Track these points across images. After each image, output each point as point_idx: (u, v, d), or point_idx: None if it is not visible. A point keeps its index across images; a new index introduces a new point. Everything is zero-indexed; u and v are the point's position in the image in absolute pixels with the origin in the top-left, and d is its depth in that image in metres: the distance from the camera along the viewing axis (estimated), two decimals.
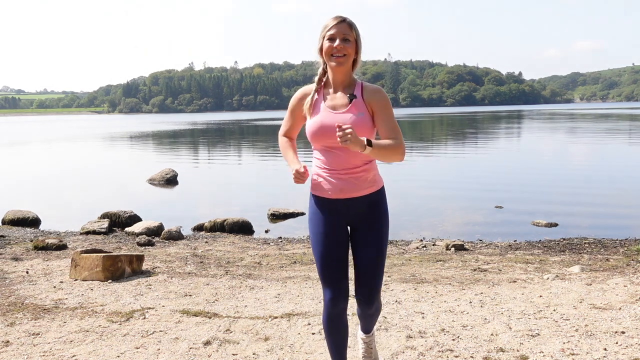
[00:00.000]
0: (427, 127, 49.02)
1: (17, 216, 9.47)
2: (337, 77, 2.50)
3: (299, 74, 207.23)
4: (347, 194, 2.49)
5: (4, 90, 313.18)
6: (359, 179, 2.49)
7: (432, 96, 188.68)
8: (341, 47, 2.42)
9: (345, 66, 2.46)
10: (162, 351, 3.42)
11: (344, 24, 2.44)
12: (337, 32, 2.42)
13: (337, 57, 2.43)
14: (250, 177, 16.37)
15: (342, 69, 2.47)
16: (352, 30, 2.45)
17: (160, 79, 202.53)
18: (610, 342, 3.38)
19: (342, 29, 2.43)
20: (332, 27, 2.43)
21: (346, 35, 2.43)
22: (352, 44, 2.45)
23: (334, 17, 2.48)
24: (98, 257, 5.18)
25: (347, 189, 2.48)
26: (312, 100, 2.53)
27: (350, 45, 2.44)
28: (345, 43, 2.43)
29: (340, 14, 2.50)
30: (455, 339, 3.50)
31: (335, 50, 2.42)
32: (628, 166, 16.50)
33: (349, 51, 2.43)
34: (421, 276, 5.32)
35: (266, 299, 4.53)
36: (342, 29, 2.43)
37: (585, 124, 45.99)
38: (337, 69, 2.47)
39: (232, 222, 8.76)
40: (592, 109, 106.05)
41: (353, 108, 2.46)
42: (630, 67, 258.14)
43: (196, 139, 37.54)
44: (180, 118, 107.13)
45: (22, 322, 3.96)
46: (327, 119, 2.45)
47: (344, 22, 2.45)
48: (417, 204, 10.92)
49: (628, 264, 5.82)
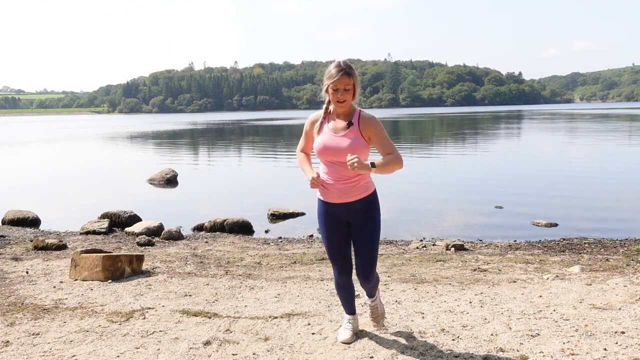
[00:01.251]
0: (427, 127, 49.02)
1: (17, 216, 9.47)
2: (340, 111, 3.18)
3: (299, 74, 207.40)
4: (345, 199, 3.18)
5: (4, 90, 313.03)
6: (354, 186, 3.17)
7: (432, 96, 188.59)
8: (343, 98, 3.08)
9: (346, 107, 3.14)
10: (162, 351, 3.42)
11: (344, 77, 3.04)
12: (340, 84, 3.05)
13: (339, 103, 3.11)
14: (250, 177, 16.37)
15: (344, 109, 3.16)
16: (352, 78, 3.06)
17: (160, 79, 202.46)
18: (610, 342, 3.38)
19: (344, 81, 3.04)
20: (335, 81, 3.04)
21: (347, 86, 3.06)
22: (352, 88, 3.08)
23: (336, 67, 3.06)
24: (98, 257, 5.18)
25: (345, 195, 3.17)
26: (320, 124, 3.24)
27: (349, 92, 3.08)
28: (346, 92, 3.07)
29: (341, 63, 3.06)
30: (455, 339, 3.50)
31: (339, 99, 3.09)
32: (628, 166, 16.49)
33: (348, 98, 3.10)
34: (421, 276, 5.32)
35: (266, 299, 4.52)
36: (344, 82, 3.04)
37: (585, 124, 45.99)
38: (340, 109, 3.16)
39: (232, 222, 8.76)
40: (592, 109, 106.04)
41: (349, 133, 3.13)
42: (630, 67, 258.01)
43: (196, 139, 37.54)
44: (180, 118, 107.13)
45: (22, 322, 3.96)
46: (329, 140, 3.15)
47: (344, 75, 3.03)
48: (417, 204, 10.92)
49: (628, 264, 5.82)
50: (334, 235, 3.30)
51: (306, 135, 3.36)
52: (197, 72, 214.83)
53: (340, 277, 3.40)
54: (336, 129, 3.17)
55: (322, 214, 3.32)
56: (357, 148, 3.08)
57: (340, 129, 3.16)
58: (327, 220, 3.28)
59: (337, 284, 3.45)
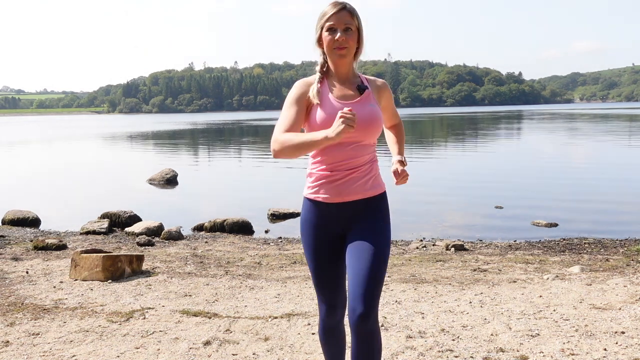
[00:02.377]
0: (427, 127, 49.01)
1: (17, 216, 9.47)
2: (341, 69, 2.31)
3: (299, 74, 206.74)
4: (347, 196, 2.27)
5: (4, 90, 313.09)
6: (363, 178, 2.28)
7: (432, 96, 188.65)
8: (343, 39, 2.21)
9: (348, 58, 2.27)
10: (162, 351, 3.42)
11: (344, 12, 2.22)
12: (338, 22, 2.21)
13: (339, 49, 2.23)
14: (250, 177, 16.37)
15: (345, 62, 2.28)
16: (354, 18, 2.24)
17: (160, 79, 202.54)
18: (610, 342, 3.38)
19: (343, 17, 2.21)
20: (331, 17, 2.21)
21: (348, 25, 2.22)
22: (354, 33, 2.24)
23: (333, 2, 2.24)
24: (98, 257, 5.18)
25: (348, 191, 2.26)
26: (318, 88, 2.27)
27: (352, 35, 2.23)
28: (347, 34, 2.21)
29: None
30: (455, 339, 3.50)
31: (337, 44, 2.22)
32: (628, 166, 16.49)
33: (350, 43, 2.23)
34: (421, 276, 5.32)
35: (266, 299, 4.52)
36: (343, 18, 2.21)
37: (585, 124, 46.00)
38: (340, 62, 2.28)
39: (232, 222, 8.75)
40: (592, 109, 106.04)
41: (364, 99, 2.29)
42: (630, 67, 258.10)
43: (196, 139, 37.54)
44: (180, 118, 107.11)
45: (22, 322, 3.96)
46: (340, 109, 2.12)
47: (344, 10, 2.22)
48: (417, 204, 10.92)
49: (628, 264, 5.82)
50: (325, 252, 2.35)
51: (298, 102, 2.26)
52: (197, 72, 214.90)
53: (329, 316, 2.45)
54: (344, 96, 2.28)
55: (309, 222, 2.36)
56: (378, 119, 2.29)
57: (349, 96, 2.29)
58: (317, 229, 2.34)
59: (324, 327, 2.50)
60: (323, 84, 2.31)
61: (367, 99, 2.30)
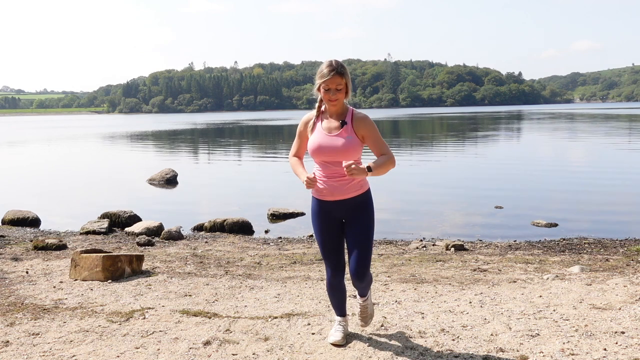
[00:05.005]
0: (427, 127, 49.01)
1: (17, 216, 9.47)
2: (332, 110, 3.22)
3: (298, 74, 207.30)
4: (339, 196, 3.22)
5: (4, 90, 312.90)
6: (348, 184, 3.20)
7: (432, 96, 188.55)
8: (335, 97, 3.11)
9: (338, 106, 3.17)
10: (162, 351, 3.42)
11: (336, 77, 3.06)
12: (331, 84, 3.08)
13: (332, 102, 3.14)
14: (250, 177, 16.37)
15: (336, 108, 3.20)
16: (343, 78, 3.08)
17: (160, 79, 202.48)
18: (610, 342, 3.38)
19: (335, 81, 3.07)
20: (327, 81, 3.07)
21: (338, 86, 3.09)
22: (343, 88, 3.11)
23: (328, 66, 3.08)
24: (98, 257, 5.18)
25: (339, 193, 3.21)
26: (313, 124, 3.27)
27: (341, 91, 3.11)
28: (338, 92, 3.10)
29: (333, 62, 3.08)
30: (455, 339, 3.50)
31: (330, 98, 3.13)
32: (628, 166, 16.49)
33: (340, 97, 3.13)
34: (421, 276, 5.32)
35: (266, 299, 4.53)
36: (335, 81, 3.07)
37: (585, 124, 45.99)
38: (332, 108, 3.20)
39: (232, 222, 8.75)
40: (592, 109, 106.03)
41: (343, 132, 3.16)
42: (630, 67, 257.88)
43: (196, 139, 37.54)
44: (180, 118, 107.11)
45: (22, 322, 3.96)
46: (323, 139, 3.18)
47: (336, 75, 3.06)
48: (417, 204, 10.91)
49: (628, 264, 5.82)
50: (328, 232, 3.32)
51: (300, 136, 3.37)
52: (197, 72, 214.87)
53: (333, 276, 3.40)
54: (330, 129, 3.20)
55: (316, 212, 3.35)
56: (351, 147, 3.13)
57: (333, 128, 3.19)
58: (321, 218, 3.31)
59: (330, 284, 3.44)
60: (319, 119, 3.29)
61: (346, 131, 3.18)
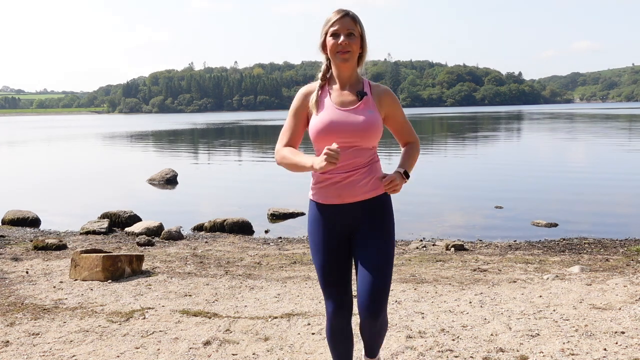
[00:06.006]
0: (427, 127, 49.01)
1: (17, 216, 9.47)
2: (343, 74, 2.38)
3: (299, 74, 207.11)
4: (349, 198, 2.33)
5: (4, 90, 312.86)
6: (363, 180, 2.33)
7: (432, 96, 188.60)
8: (346, 43, 2.29)
9: (351, 62, 2.34)
10: (162, 351, 3.42)
11: (347, 18, 2.31)
12: (341, 28, 2.30)
13: (342, 53, 2.31)
14: (250, 177, 16.37)
15: (348, 66, 2.35)
16: (357, 25, 2.32)
17: (160, 79, 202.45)
18: (610, 342, 3.38)
19: (346, 23, 2.30)
20: (335, 22, 2.31)
21: (350, 30, 2.30)
22: (357, 39, 2.32)
23: (337, 10, 2.35)
24: (98, 257, 5.18)
25: (349, 193, 2.33)
26: (317, 97, 2.38)
27: (355, 40, 2.31)
28: (350, 38, 2.30)
29: (343, 8, 2.36)
30: (455, 339, 3.50)
31: (340, 47, 2.30)
32: (628, 166, 16.49)
33: (353, 47, 2.31)
34: (421, 276, 5.32)
35: (266, 299, 4.53)
36: (346, 24, 2.30)
37: (585, 124, 45.99)
38: (343, 66, 2.35)
39: (232, 222, 8.75)
40: (592, 109, 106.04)
41: (362, 105, 2.34)
42: (630, 67, 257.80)
43: (196, 139, 37.54)
44: (180, 118, 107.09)
45: (22, 322, 3.96)
46: (336, 115, 2.31)
47: (347, 16, 2.31)
48: (417, 204, 10.91)
49: (628, 264, 5.82)
50: (332, 251, 2.40)
51: (296, 115, 2.42)
52: (197, 72, 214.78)
53: (336, 316, 2.45)
54: (343, 102, 2.35)
55: (316, 222, 2.43)
56: (375, 126, 2.33)
57: (348, 102, 2.35)
58: (323, 230, 2.40)
59: (332, 328, 2.48)
60: (324, 90, 2.40)
61: (366, 105, 2.34)
